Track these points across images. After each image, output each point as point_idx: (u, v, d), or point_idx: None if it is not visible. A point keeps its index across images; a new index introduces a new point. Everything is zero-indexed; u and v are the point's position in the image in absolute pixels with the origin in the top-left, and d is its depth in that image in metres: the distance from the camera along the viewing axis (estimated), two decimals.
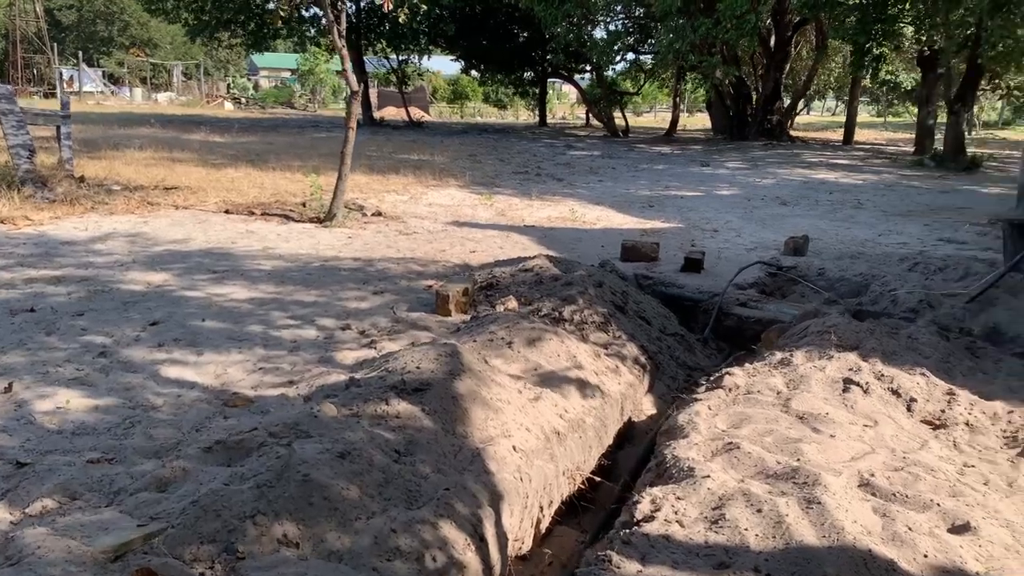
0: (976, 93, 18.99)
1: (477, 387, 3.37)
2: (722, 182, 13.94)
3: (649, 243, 7.29)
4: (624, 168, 15.90)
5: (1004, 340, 5.45)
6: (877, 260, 7.40)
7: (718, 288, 6.44)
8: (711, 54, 18.57)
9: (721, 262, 7.29)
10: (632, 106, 49.67)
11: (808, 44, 27.71)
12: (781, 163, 17.65)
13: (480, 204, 10.36)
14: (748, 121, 23.11)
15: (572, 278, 5.21)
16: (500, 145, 20.65)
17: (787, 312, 5.94)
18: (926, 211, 10.86)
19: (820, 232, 8.95)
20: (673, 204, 11.10)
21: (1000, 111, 47.99)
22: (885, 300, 6.04)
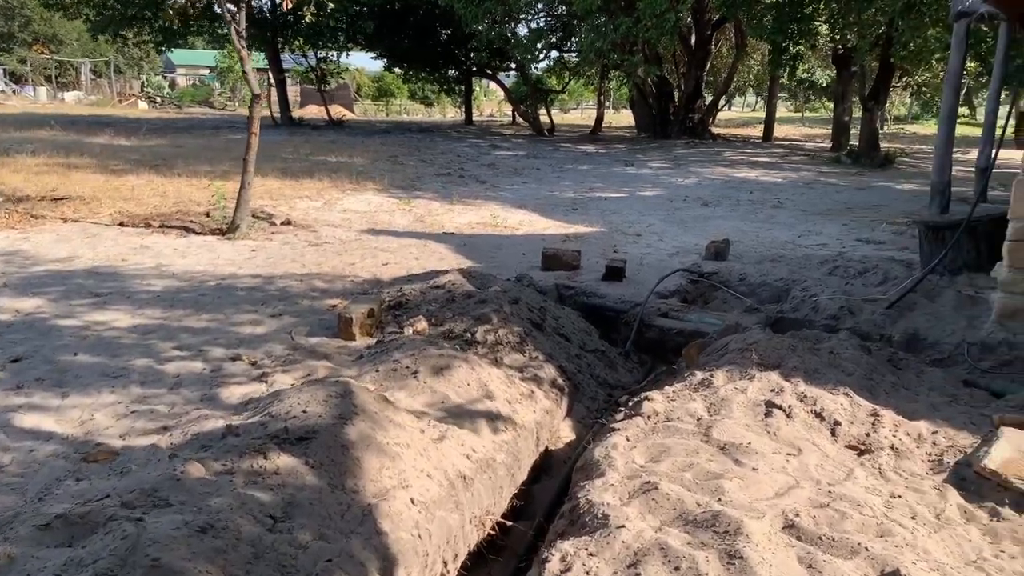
0: (889, 90, 19.52)
1: (372, 431, 3.04)
2: (645, 182, 13.88)
3: (570, 251, 7.06)
4: (549, 169, 15.71)
5: (924, 346, 5.41)
6: (798, 263, 7.34)
7: (640, 297, 6.25)
8: (632, 53, 18.57)
9: (643, 269, 7.12)
10: (559, 103, 49.75)
11: (728, 42, 28.12)
12: (703, 162, 17.76)
13: (398, 209, 9.98)
14: (671, 119, 23.27)
15: (486, 295, 4.92)
16: (424, 145, 20.23)
17: (709, 322, 5.78)
18: (843, 210, 10.97)
19: (741, 234, 8.90)
20: (597, 206, 10.93)
21: (910, 106, 49.96)
22: (806, 307, 5.95)
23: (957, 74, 8.98)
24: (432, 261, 7.00)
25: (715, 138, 23.52)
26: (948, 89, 9.05)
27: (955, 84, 9.00)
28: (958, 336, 5.29)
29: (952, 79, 8.99)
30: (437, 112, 47.23)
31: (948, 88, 9.06)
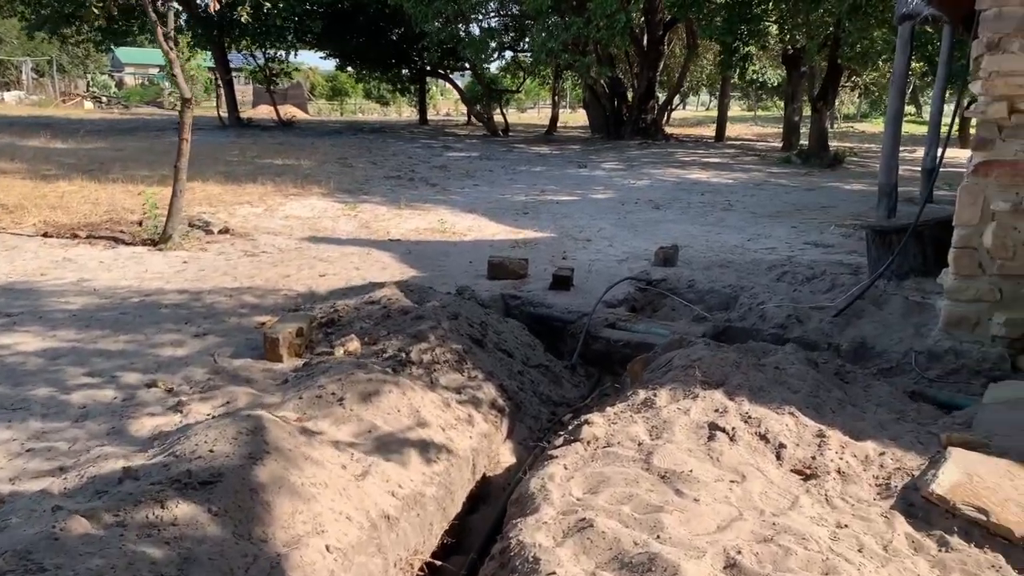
0: (838, 90, 19.75)
1: (285, 471, 2.81)
2: (598, 184, 13.77)
3: (517, 259, 6.86)
4: (501, 171, 15.51)
5: (871, 355, 5.34)
6: (746, 269, 7.26)
7: (588, 306, 6.08)
8: (584, 53, 18.48)
9: (592, 276, 6.96)
10: (515, 103, 49.62)
11: (681, 43, 28.25)
12: (655, 163, 17.74)
13: (343, 215, 9.68)
14: (624, 120, 23.25)
15: (424, 311, 4.69)
16: (375, 146, 19.88)
17: (656, 332, 5.64)
18: (793, 211, 10.98)
19: (691, 238, 8.81)
20: (548, 210, 10.77)
21: (858, 105, 50.90)
22: (754, 315, 5.84)
23: (903, 76, 9.02)
24: (374, 271, 6.74)
25: (668, 138, 23.58)
26: (894, 91, 9.09)
27: (901, 86, 9.03)
28: (906, 344, 5.23)
29: (898, 81, 9.03)
30: (393, 112, 46.74)
31: (894, 90, 9.09)
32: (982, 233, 4.90)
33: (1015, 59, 4.64)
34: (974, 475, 3.03)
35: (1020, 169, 4.72)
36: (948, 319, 5.04)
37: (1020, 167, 4.72)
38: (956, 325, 5.02)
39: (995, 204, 4.81)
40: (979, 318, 4.96)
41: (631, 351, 5.40)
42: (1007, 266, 4.82)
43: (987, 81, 4.75)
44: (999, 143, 4.78)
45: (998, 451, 3.29)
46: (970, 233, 4.93)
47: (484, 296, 6.21)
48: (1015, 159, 4.74)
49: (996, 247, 4.81)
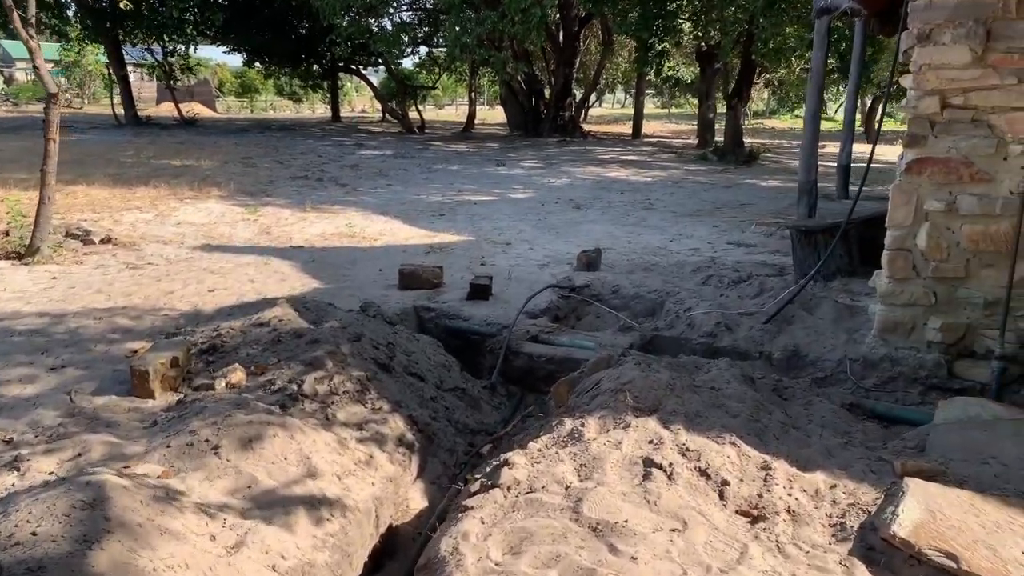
0: (752, 87, 19.94)
1: (132, 554, 2.25)
2: (517, 184, 13.38)
3: (431, 267, 6.36)
4: (416, 170, 14.94)
5: (805, 363, 5.07)
6: (671, 272, 6.96)
7: (508, 317, 5.64)
8: (500, 48, 18.05)
9: (512, 284, 6.52)
10: (433, 99, 48.89)
11: (596, 40, 28.19)
12: (575, 161, 17.48)
13: (242, 220, 8.97)
14: (542, 117, 22.96)
15: (320, 333, 4.15)
16: (283, 145, 18.97)
17: (581, 345, 5.25)
18: (712, 210, 10.83)
19: (613, 239, 8.49)
20: (465, 211, 10.29)
21: (767, 101, 52.26)
22: (682, 323, 5.52)
23: (820, 72, 8.91)
24: (271, 284, 6.13)
25: (586, 136, 23.43)
26: (812, 87, 8.97)
27: (819, 82, 8.92)
28: (839, 352, 4.99)
29: (815, 77, 8.91)
30: (307, 109, 45.35)
31: (812, 86, 8.97)
32: (916, 234, 4.68)
33: (947, 51, 4.43)
34: (936, 512, 2.72)
35: (953, 167, 4.51)
36: (882, 325, 4.81)
37: (953, 165, 4.51)
38: (891, 331, 4.79)
39: (929, 204, 4.60)
40: (914, 323, 4.75)
41: (555, 367, 4.99)
42: (941, 268, 4.61)
43: (918, 75, 4.53)
44: (931, 140, 4.56)
45: (956, 479, 3.01)
46: (904, 234, 4.71)
47: (395, 309, 5.70)
48: (948, 156, 4.53)
49: (931, 248, 4.60)
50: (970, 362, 4.63)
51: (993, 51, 4.34)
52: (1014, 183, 4.37)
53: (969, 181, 4.49)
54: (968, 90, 4.43)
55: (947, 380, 4.66)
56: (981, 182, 4.47)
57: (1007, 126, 4.33)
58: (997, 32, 4.32)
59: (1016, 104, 4.32)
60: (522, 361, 5.09)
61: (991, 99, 4.38)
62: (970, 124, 4.46)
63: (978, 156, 4.46)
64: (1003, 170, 4.41)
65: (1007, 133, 4.34)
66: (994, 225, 4.46)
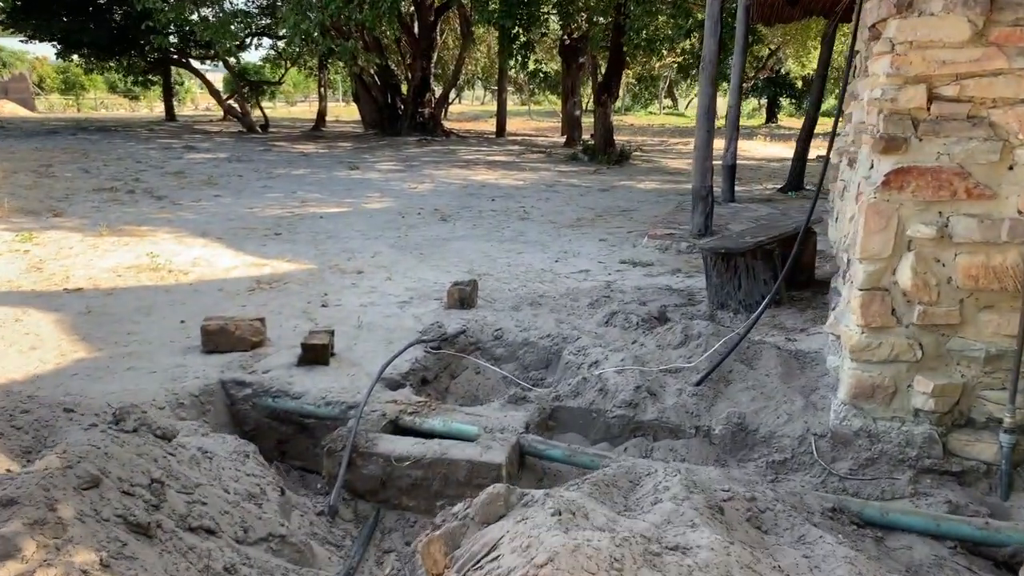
0: (620, 83, 19.13)
1: None
2: (373, 190, 11.72)
3: (248, 321, 4.69)
4: (254, 175, 12.96)
5: (756, 441, 3.84)
6: (563, 306, 5.63)
7: (356, 391, 4.10)
8: (347, 38, 16.24)
9: (363, 335, 4.97)
10: (283, 96, 45.96)
11: (454, 34, 26.80)
12: (438, 162, 15.98)
13: (8, 251, 6.88)
14: (399, 114, 21.27)
15: (21, 486, 2.45)
16: (98, 149, 16.32)
17: (459, 431, 3.78)
18: (594, 218, 9.66)
19: (489, 262, 7.08)
20: (308, 228, 8.58)
21: (622, 98, 52.67)
22: (591, 388, 4.17)
23: (713, 61, 7.85)
24: (11, 357, 4.28)
25: (448, 134, 21.94)
26: (704, 79, 7.91)
27: (712, 73, 7.87)
28: (798, 423, 3.79)
29: (708, 67, 7.86)
30: (145, 107, 41.28)
31: (704, 78, 7.91)
32: (896, 269, 3.53)
33: (937, 24, 3.28)
34: None
35: (945, 179, 3.38)
36: (855, 389, 3.63)
37: (944, 176, 3.37)
38: (866, 396, 3.63)
39: (913, 229, 3.45)
40: (896, 385, 3.60)
41: (423, 473, 3.50)
42: (930, 313, 3.48)
43: (898, 57, 3.35)
44: (914, 143, 3.41)
45: None
46: (880, 269, 3.54)
47: (191, 390, 4.03)
48: (937, 165, 3.39)
49: (916, 288, 3.46)
50: (969, 435, 3.53)
51: (997, 24, 3.22)
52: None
53: (965, 198, 3.37)
54: (964, 76, 3.30)
55: (943, 460, 3.54)
56: (980, 199, 3.36)
57: (1017, 123, 3.23)
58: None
59: None
60: (376, 467, 3.56)
61: (994, 88, 3.26)
62: (966, 122, 3.34)
63: (976, 165, 3.34)
64: (1008, 182, 3.32)
65: (1017, 133, 3.25)
66: (998, 256, 3.36)
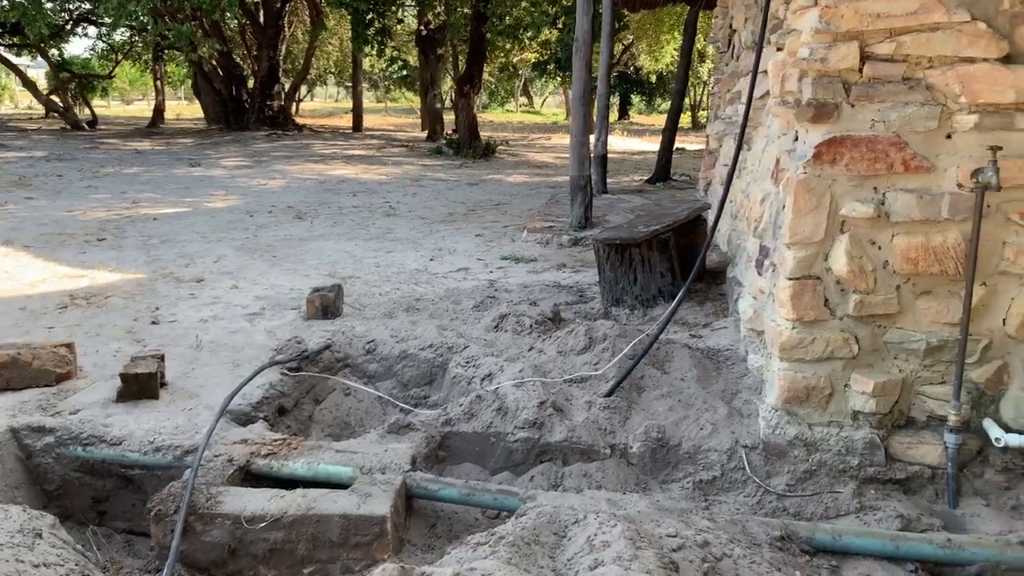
0: (483, 73, 18.61)
1: None
2: (217, 188, 10.56)
3: (50, 348, 3.70)
4: (76, 175, 11.41)
5: (679, 458, 3.32)
6: (444, 310, 4.97)
7: (195, 429, 3.27)
8: (180, 22, 14.72)
9: (202, 359, 4.10)
10: (119, 94, 42.53)
11: (303, 26, 25.41)
12: (291, 157, 14.84)
13: None
14: (246, 108, 19.76)
15: None
16: None
17: (329, 474, 3.04)
18: (467, 212, 9.04)
19: (355, 263, 6.30)
20: (139, 231, 7.44)
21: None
22: (486, 406, 3.53)
23: (587, 42, 7.38)
24: None
25: (301, 129, 20.62)
26: (578, 62, 7.43)
27: (586, 55, 7.41)
28: (724, 434, 3.31)
29: (582, 48, 7.40)
30: None
31: (578, 61, 7.44)
32: (828, 254, 3.11)
33: None
34: None
35: (881, 150, 2.99)
36: (788, 392, 3.19)
37: (880, 147, 2.98)
38: (801, 400, 3.19)
39: (848, 207, 3.04)
40: (832, 386, 3.19)
41: (286, 536, 2.73)
42: (867, 302, 3.08)
43: (827, 10, 2.92)
44: (846, 110, 3.01)
45: None
46: (811, 255, 3.12)
47: None
48: (872, 135, 2.99)
49: (852, 274, 3.05)
50: (910, 436, 3.17)
51: None
52: (964, 172, 2.94)
53: (902, 171, 2.99)
54: (899, 32, 2.92)
55: (886, 468, 3.16)
56: (918, 172, 2.99)
57: (958, 85, 2.87)
58: None
59: (967, 52, 2.87)
60: (222, 532, 2.75)
61: (932, 45, 2.89)
62: (901, 84, 2.96)
63: (913, 133, 2.97)
64: (946, 152, 2.97)
65: (958, 96, 2.89)
66: (938, 235, 3.00)
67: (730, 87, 6.69)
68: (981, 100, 2.85)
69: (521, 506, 2.92)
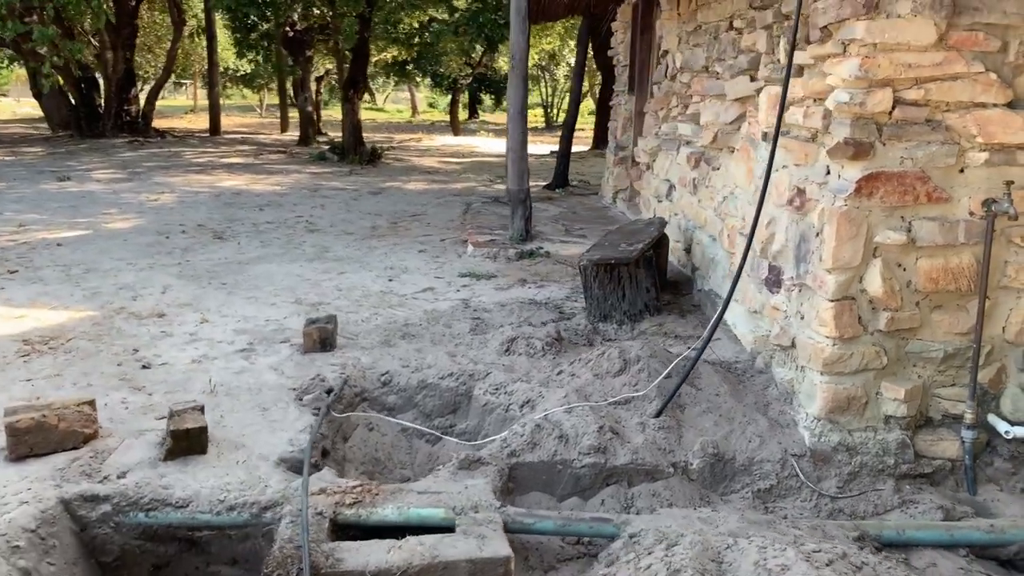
0: (367, 75, 18.21)
1: None
2: (105, 206, 9.77)
3: (73, 407, 3.38)
4: None
5: (736, 471, 3.57)
6: (442, 335, 4.99)
7: (259, 482, 3.15)
8: (44, 23, 13.39)
9: (224, 404, 3.89)
10: None
11: (164, 24, 23.85)
12: (166, 168, 13.93)
13: None
14: (100, 113, 18.26)
15: None
16: None
17: (420, 517, 3.05)
18: (391, 226, 8.94)
19: (313, 288, 6.12)
20: (50, 259, 6.79)
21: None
22: (547, 436, 3.68)
23: (524, 59, 7.56)
24: None
25: (162, 135, 19.33)
26: (516, 78, 7.57)
27: (523, 71, 7.58)
28: (772, 445, 3.59)
29: (519, 65, 7.55)
30: None
31: (515, 77, 7.57)
32: (863, 277, 3.46)
33: (905, 27, 3.22)
34: None
35: (909, 184, 3.36)
36: (832, 402, 3.52)
37: (908, 181, 3.36)
38: (843, 409, 3.53)
39: (881, 235, 3.40)
40: (867, 395, 3.55)
41: None
42: (897, 318, 3.47)
43: (866, 60, 3.25)
44: (879, 148, 3.35)
45: None
46: (850, 278, 3.46)
47: (22, 519, 2.78)
48: (902, 171, 3.36)
49: (886, 294, 3.42)
50: (931, 435, 3.59)
51: (956, 28, 3.24)
52: (975, 202, 3.37)
53: (926, 202, 3.39)
54: (926, 81, 3.29)
55: (915, 464, 3.56)
56: (939, 202, 3.40)
57: (974, 127, 3.28)
58: (962, 1, 3.23)
59: (981, 99, 3.29)
60: None
61: (952, 92, 3.30)
62: (925, 126, 3.34)
63: (935, 168, 3.37)
64: (960, 185, 3.39)
65: (974, 136, 3.30)
66: (955, 257, 3.43)
67: (665, 105, 7.05)
68: (996, 140, 3.28)
69: (618, 532, 3.06)
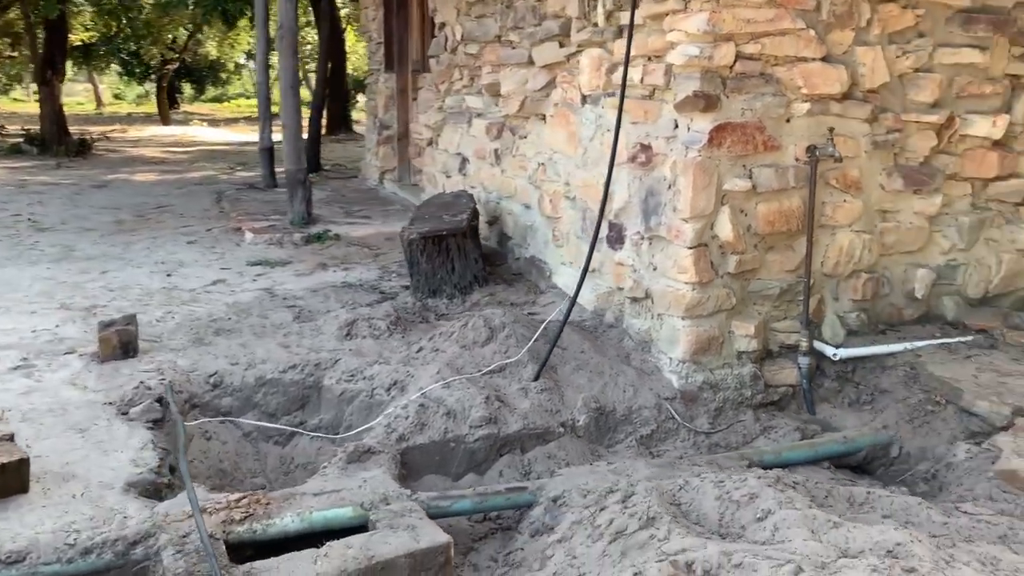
0: (66, 57, 15.69)
1: None
2: None
3: None
4: None
5: (618, 421, 3.67)
6: (262, 327, 4.50)
7: (111, 513, 2.57)
8: None
9: (24, 431, 3.08)
10: None
11: None
12: None
13: None
14: None
15: None
16: None
17: (325, 520, 2.70)
18: (138, 220, 7.83)
19: (78, 290, 5.15)
20: None
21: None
22: (435, 415, 3.43)
23: (292, 28, 7.03)
24: None
25: None
26: (285, 49, 7.01)
27: (292, 42, 7.04)
28: (645, 392, 3.72)
29: (288, 35, 6.99)
30: None
31: (284, 48, 7.01)
32: (714, 224, 3.68)
33: None
34: None
35: (750, 134, 3.63)
36: (695, 345, 3.72)
37: (749, 131, 3.62)
38: (705, 350, 3.75)
39: (729, 183, 3.64)
40: (723, 334, 3.79)
41: None
42: (743, 261, 3.74)
43: (713, 15, 3.43)
44: (724, 100, 3.58)
45: None
46: (703, 226, 3.67)
47: None
48: (744, 121, 3.61)
49: (734, 238, 3.67)
50: (773, 366, 3.93)
51: None
52: (800, 148, 3.73)
53: (763, 150, 3.69)
54: (760, 36, 3.57)
55: (766, 392, 3.87)
56: (773, 150, 3.72)
57: (800, 79, 3.62)
58: None
59: (803, 53, 3.63)
60: None
61: (782, 47, 3.60)
62: (760, 79, 3.63)
63: (769, 119, 3.67)
64: (787, 134, 3.73)
65: (799, 88, 3.64)
66: (787, 201, 3.77)
67: (447, 79, 6.95)
68: (817, 92, 3.63)
69: (535, 499, 2.94)
